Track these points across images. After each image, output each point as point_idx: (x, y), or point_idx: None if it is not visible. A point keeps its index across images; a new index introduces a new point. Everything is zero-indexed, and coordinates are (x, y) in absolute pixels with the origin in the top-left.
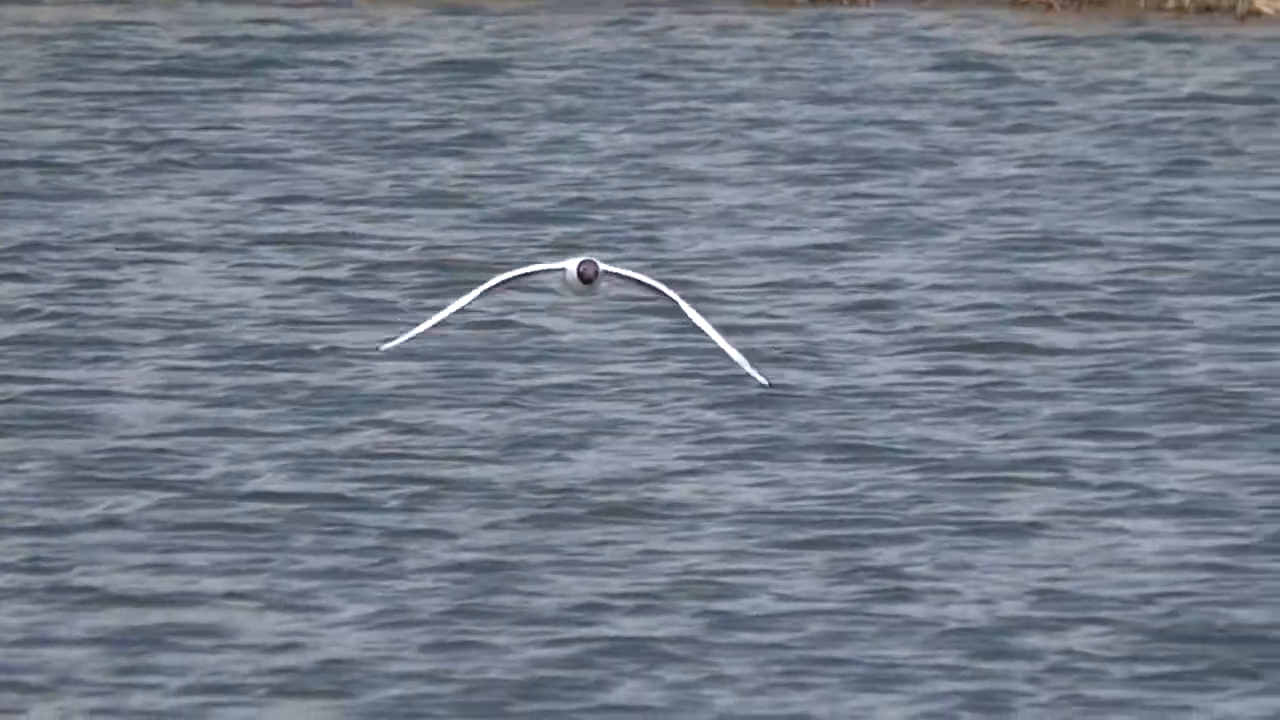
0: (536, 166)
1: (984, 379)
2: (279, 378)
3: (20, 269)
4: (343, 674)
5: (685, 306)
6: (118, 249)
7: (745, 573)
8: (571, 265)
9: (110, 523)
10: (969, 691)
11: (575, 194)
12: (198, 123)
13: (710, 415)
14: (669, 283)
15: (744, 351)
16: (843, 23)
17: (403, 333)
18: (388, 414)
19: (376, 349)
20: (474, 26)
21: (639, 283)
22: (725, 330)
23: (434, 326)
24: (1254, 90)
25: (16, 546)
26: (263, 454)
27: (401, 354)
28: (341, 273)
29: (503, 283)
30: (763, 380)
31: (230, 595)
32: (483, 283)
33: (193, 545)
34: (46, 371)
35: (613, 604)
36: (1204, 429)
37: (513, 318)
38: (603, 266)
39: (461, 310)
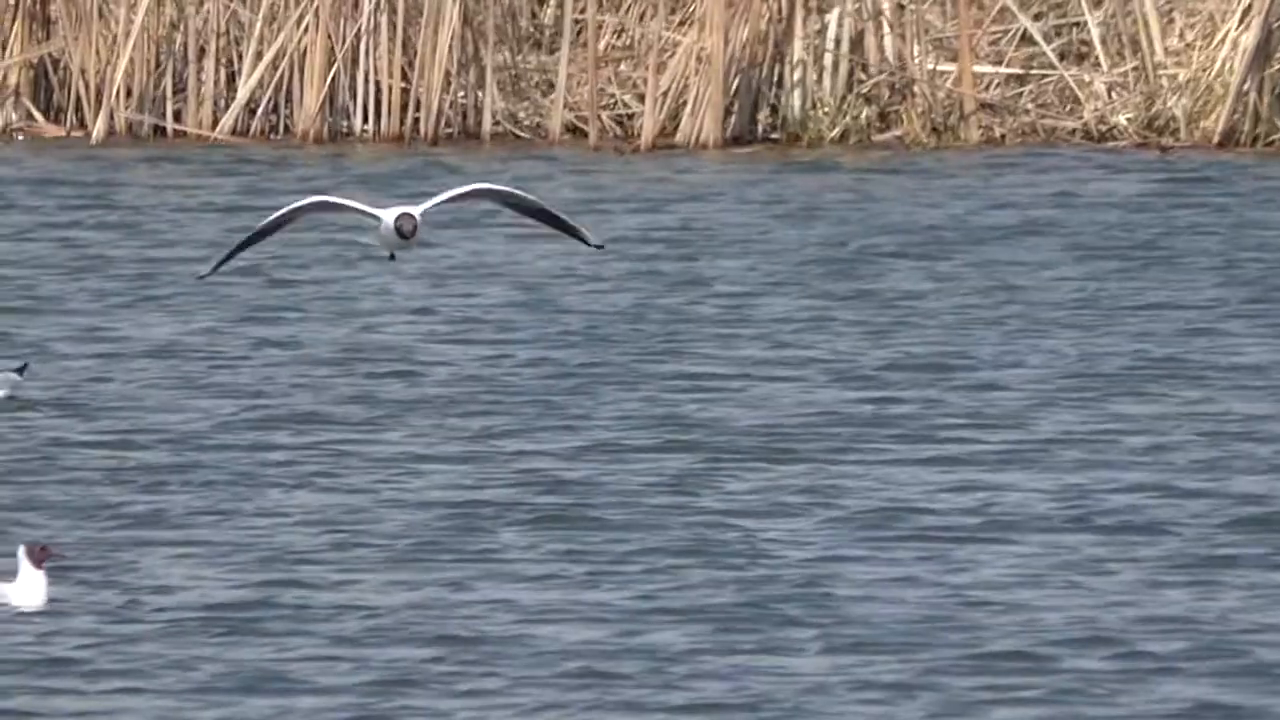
0: None
1: None
2: None
3: None
4: None
5: (519, 192)
6: None
7: None
8: (389, 217)
9: None
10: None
11: None
12: None
13: None
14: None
15: None
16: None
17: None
18: None
19: (197, 276)
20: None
21: (461, 197)
22: None
23: (248, 249)
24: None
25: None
26: None
27: None
28: None
29: (313, 205)
30: (596, 243)
31: None
32: (296, 202)
33: None
34: None
35: None
36: None
37: None
38: (420, 213)
39: (272, 232)
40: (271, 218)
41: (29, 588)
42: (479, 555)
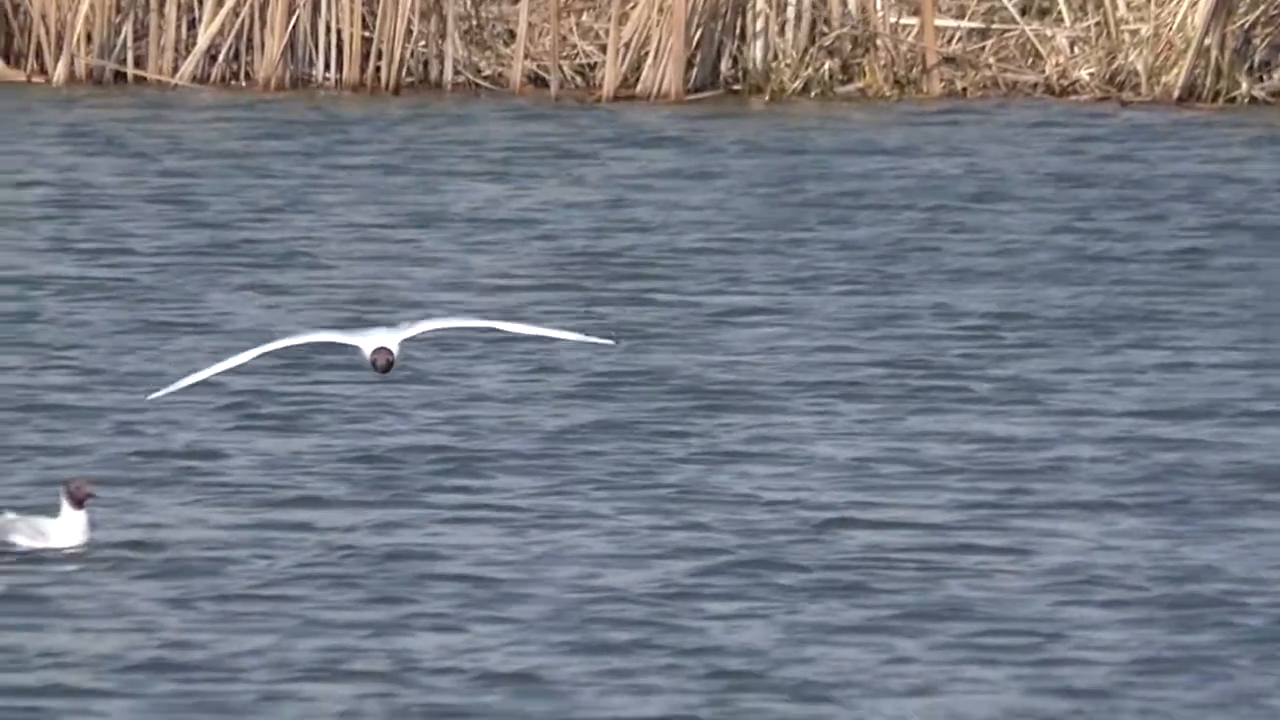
0: None
1: None
2: None
3: None
4: None
5: (503, 325)
6: None
7: None
8: (367, 348)
9: None
10: None
11: None
12: None
13: None
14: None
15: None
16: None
17: (176, 382)
18: None
19: (144, 398)
20: None
21: (445, 329)
22: None
23: (205, 380)
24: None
25: None
26: None
27: None
28: None
29: (291, 346)
30: (608, 341)
31: None
32: (269, 342)
33: None
34: None
35: None
36: None
37: None
38: (399, 344)
39: (236, 368)
40: (245, 356)
41: (69, 527)
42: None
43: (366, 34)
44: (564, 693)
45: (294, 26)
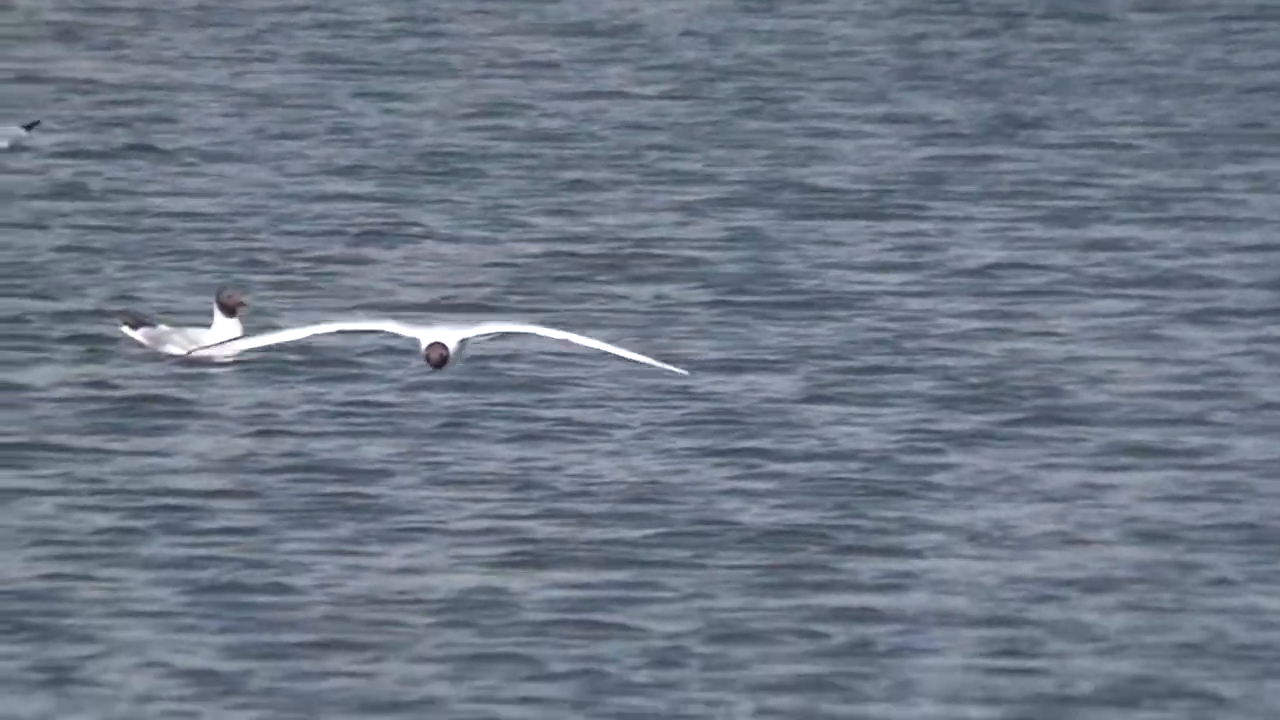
0: None
1: None
2: None
3: None
4: None
5: (573, 337)
6: None
7: None
8: (424, 340)
9: None
10: None
11: None
12: None
13: None
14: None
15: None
16: None
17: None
18: None
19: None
20: None
21: (510, 333)
22: None
23: (256, 347)
24: None
25: None
26: None
27: None
28: None
29: (348, 330)
30: (682, 371)
31: None
32: (325, 324)
33: None
34: None
35: None
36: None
37: None
38: (456, 342)
39: (290, 341)
40: (298, 333)
41: (221, 334)
42: None
43: None
44: None
45: None
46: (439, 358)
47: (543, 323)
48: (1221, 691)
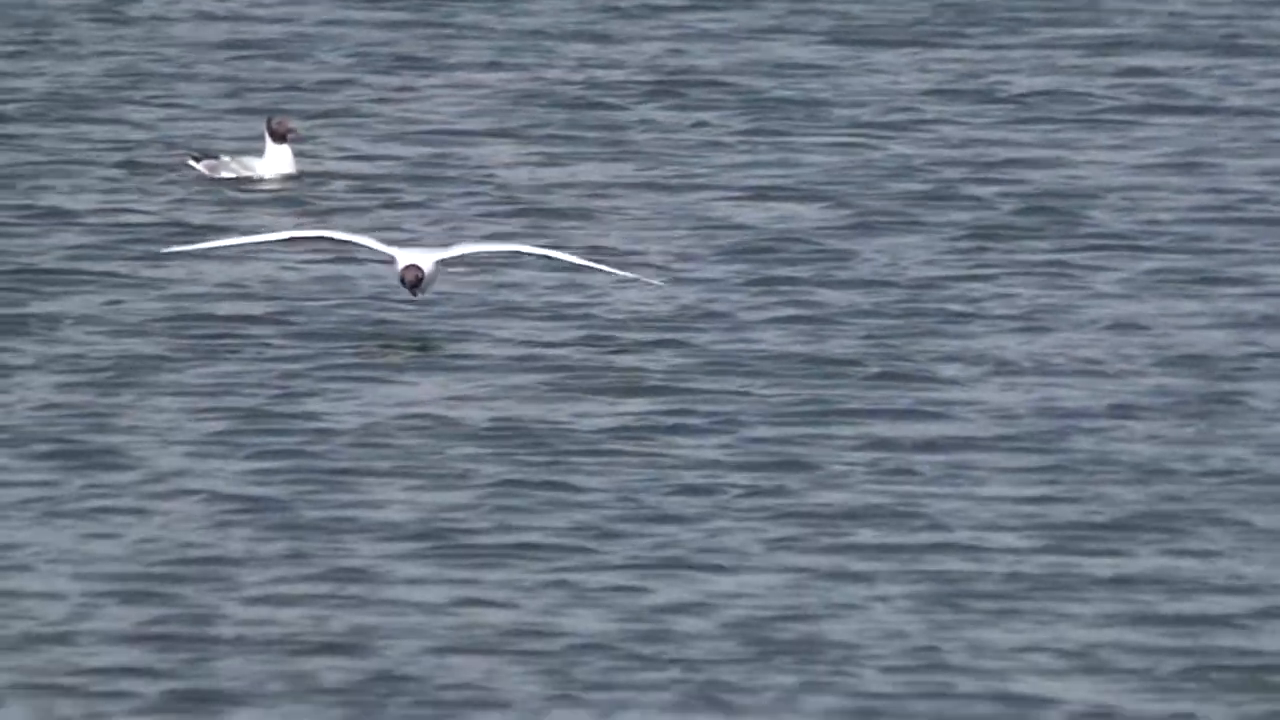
0: None
1: None
2: None
3: None
4: None
5: (555, 254)
6: None
7: None
8: (401, 261)
9: None
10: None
11: None
12: None
13: None
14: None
15: None
16: None
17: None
18: None
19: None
20: None
21: (490, 254)
22: None
23: (231, 246)
24: None
25: None
26: None
27: None
28: None
29: (322, 238)
30: (656, 283)
31: None
32: (307, 229)
33: None
34: None
35: None
36: None
37: None
38: (432, 264)
39: (268, 243)
40: (275, 235)
41: (274, 161)
42: None
43: None
44: None
45: None
46: (414, 279)
47: (539, 244)
48: (1255, 521)
